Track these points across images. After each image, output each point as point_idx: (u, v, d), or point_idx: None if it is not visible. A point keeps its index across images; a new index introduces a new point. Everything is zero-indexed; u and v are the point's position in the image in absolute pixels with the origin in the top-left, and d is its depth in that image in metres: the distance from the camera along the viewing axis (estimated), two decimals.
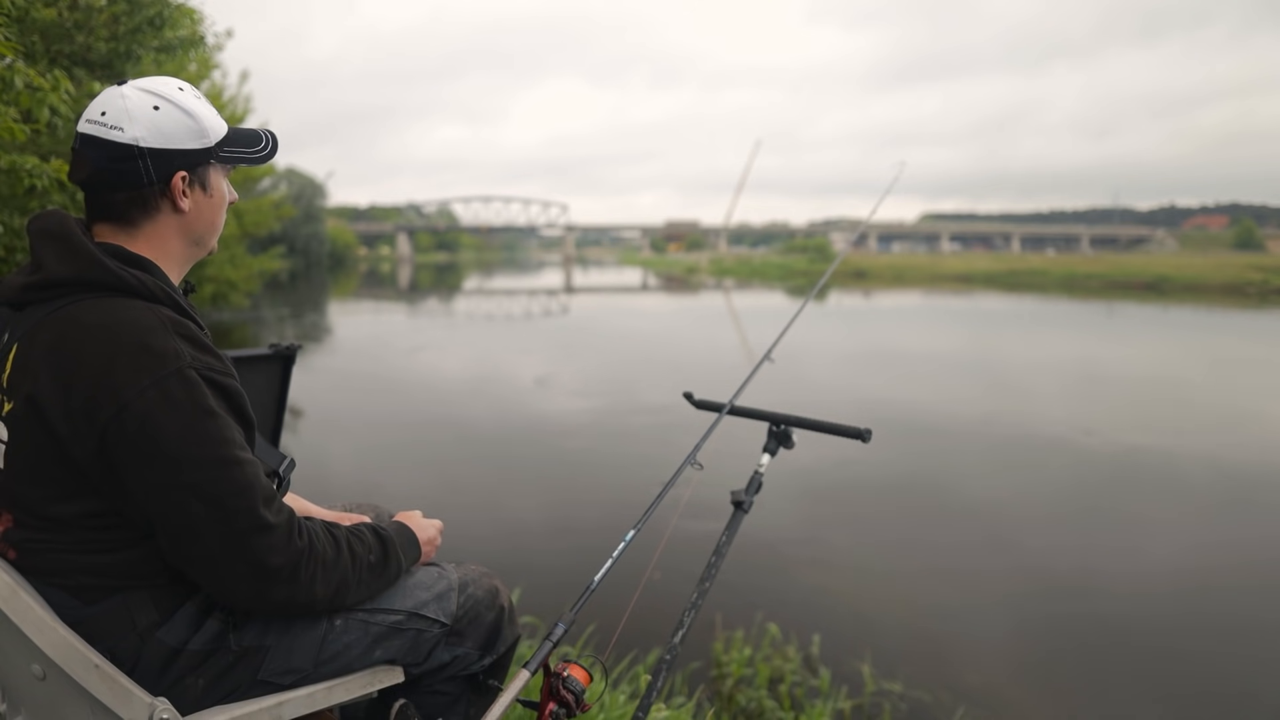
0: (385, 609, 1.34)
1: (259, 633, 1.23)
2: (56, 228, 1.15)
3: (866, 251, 77.73)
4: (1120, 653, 4.19)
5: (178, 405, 1.06)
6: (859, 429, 1.97)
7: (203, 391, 1.08)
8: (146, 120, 1.16)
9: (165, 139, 1.17)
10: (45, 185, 3.33)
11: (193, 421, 1.06)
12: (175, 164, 1.18)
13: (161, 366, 1.06)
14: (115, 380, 1.04)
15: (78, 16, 4.65)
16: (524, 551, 5.27)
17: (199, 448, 1.07)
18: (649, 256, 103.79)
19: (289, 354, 2.03)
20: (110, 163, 1.15)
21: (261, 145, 1.29)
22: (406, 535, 1.38)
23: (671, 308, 31.73)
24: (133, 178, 1.16)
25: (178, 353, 1.08)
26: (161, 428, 1.05)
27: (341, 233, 68.54)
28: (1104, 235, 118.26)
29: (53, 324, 1.10)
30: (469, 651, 1.44)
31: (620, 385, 12.05)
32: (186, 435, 1.06)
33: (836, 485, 6.91)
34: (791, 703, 3.62)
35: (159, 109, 1.17)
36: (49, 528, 1.12)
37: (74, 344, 1.08)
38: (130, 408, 1.04)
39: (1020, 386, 12.33)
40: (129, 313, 1.10)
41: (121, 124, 1.15)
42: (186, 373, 1.07)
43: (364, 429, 9.07)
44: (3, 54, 2.80)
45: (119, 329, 1.08)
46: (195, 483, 1.06)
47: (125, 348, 1.06)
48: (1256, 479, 7.31)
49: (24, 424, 1.09)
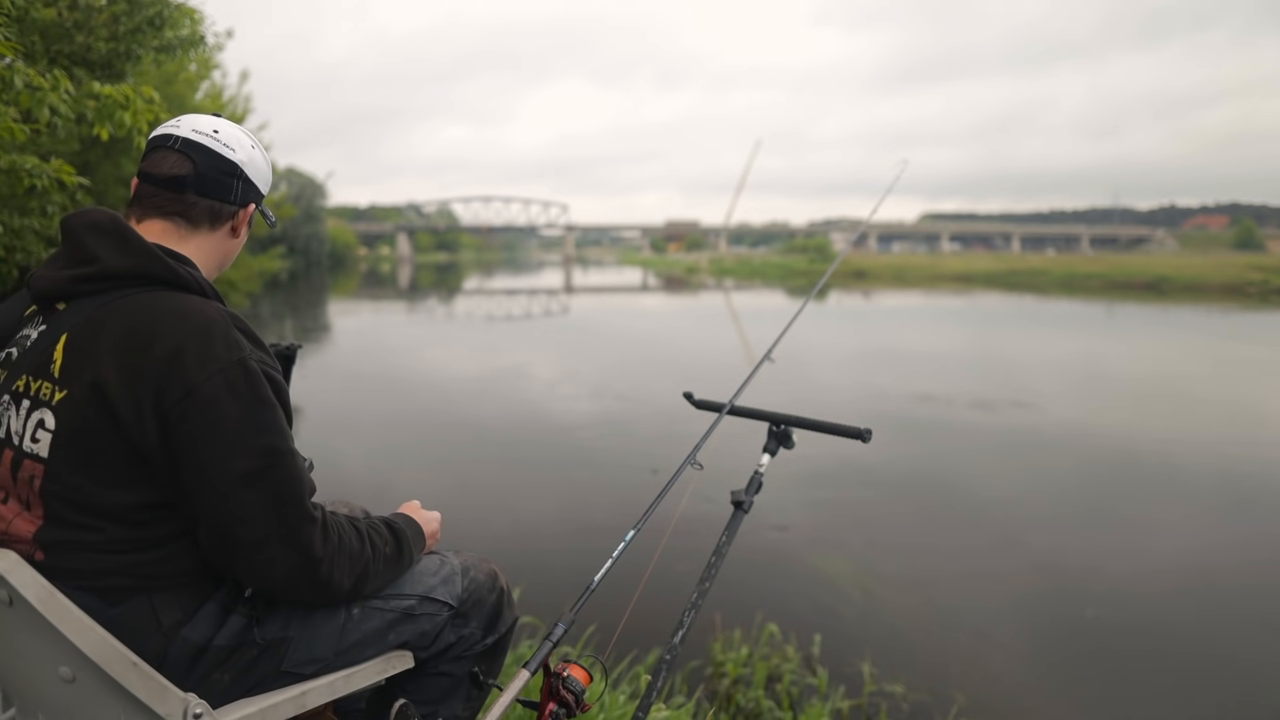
0: (398, 594, 1.41)
1: (281, 625, 1.27)
2: (109, 223, 1.20)
3: (866, 251, 77.74)
4: (1124, 653, 4.19)
5: (240, 394, 1.11)
6: (859, 429, 1.97)
7: (262, 382, 1.14)
8: (248, 153, 1.33)
9: (255, 173, 1.34)
10: (45, 185, 3.33)
11: (254, 410, 1.12)
12: (252, 196, 1.35)
13: (227, 356, 1.12)
14: (183, 366, 1.10)
15: (78, 16, 4.65)
16: (524, 551, 5.27)
17: (258, 435, 1.13)
18: (649, 256, 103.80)
19: (289, 354, 2.02)
20: (215, 171, 1.28)
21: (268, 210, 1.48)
22: (414, 528, 1.45)
23: (671, 308, 31.74)
24: (224, 191, 1.30)
25: (239, 344, 1.14)
26: (224, 414, 1.10)
27: (341, 233, 68.59)
28: (1104, 235, 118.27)
29: (118, 312, 1.15)
30: (474, 631, 1.50)
31: (620, 385, 12.05)
32: (247, 422, 1.12)
33: (838, 485, 6.91)
34: (790, 702, 3.62)
35: (254, 148, 1.35)
36: (86, 523, 1.13)
37: (139, 331, 1.12)
38: (196, 393, 1.09)
39: (1021, 386, 12.33)
40: (189, 304, 1.17)
41: (233, 146, 1.31)
42: (249, 363, 1.13)
43: (367, 428, 9.07)
44: (3, 54, 2.80)
45: (184, 318, 1.14)
46: (252, 470, 1.11)
47: (191, 336, 1.12)
48: (1260, 479, 7.31)
49: (82, 410, 1.11)
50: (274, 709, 1.25)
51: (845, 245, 26.60)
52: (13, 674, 1.23)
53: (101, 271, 1.16)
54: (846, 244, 27.60)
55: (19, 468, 1.15)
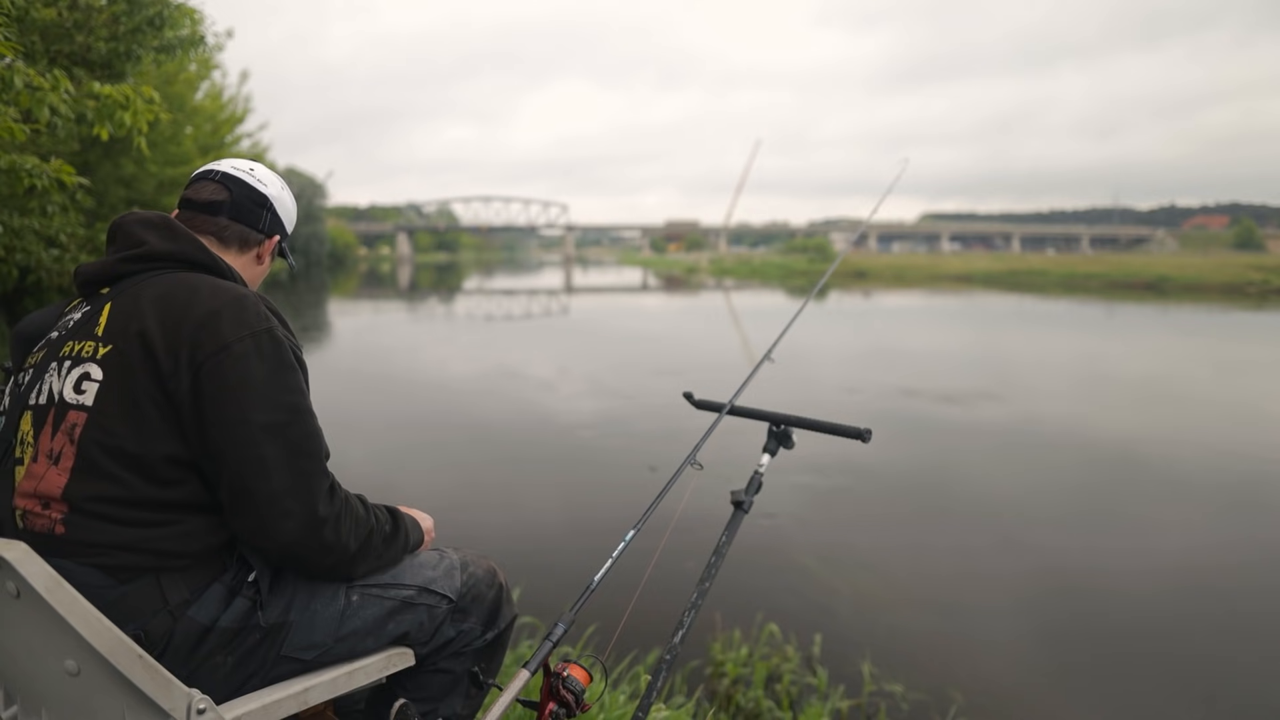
0: (398, 584, 1.44)
1: (283, 609, 1.31)
2: (158, 219, 1.37)
3: (866, 251, 77.76)
4: (1123, 653, 4.19)
5: (269, 356, 1.23)
6: (859, 429, 1.97)
7: (287, 350, 1.27)
8: (278, 191, 1.53)
9: (282, 210, 1.54)
10: (45, 185, 3.33)
11: (281, 370, 1.24)
12: (277, 229, 1.53)
13: (258, 324, 1.24)
14: (218, 327, 1.22)
15: (78, 16, 4.65)
16: (524, 551, 5.27)
17: (281, 393, 1.24)
18: (649, 256, 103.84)
19: None
20: (248, 202, 1.47)
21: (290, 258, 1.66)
22: (409, 518, 1.51)
23: (672, 308, 31.74)
24: (254, 220, 1.48)
25: (269, 317, 1.27)
26: (253, 369, 1.21)
27: (341, 233, 68.57)
28: (1104, 235, 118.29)
29: (160, 283, 1.29)
30: (473, 627, 1.52)
31: (620, 384, 12.05)
32: (272, 381, 1.23)
33: (839, 485, 6.91)
34: (790, 702, 3.62)
35: (284, 191, 1.55)
36: (115, 473, 1.19)
37: (181, 295, 1.26)
38: (230, 349, 1.20)
39: (1022, 386, 12.33)
40: (227, 284, 1.31)
41: (266, 182, 1.51)
42: (277, 333, 1.26)
43: (367, 428, 9.06)
44: (3, 54, 2.80)
45: (222, 290, 1.28)
46: (275, 423, 1.21)
47: (230, 304, 1.25)
48: (1260, 479, 7.31)
49: (126, 361, 1.22)
50: (276, 705, 1.26)
51: (845, 245, 26.60)
52: (16, 670, 1.24)
53: (148, 252, 1.32)
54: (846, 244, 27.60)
55: (62, 420, 1.22)
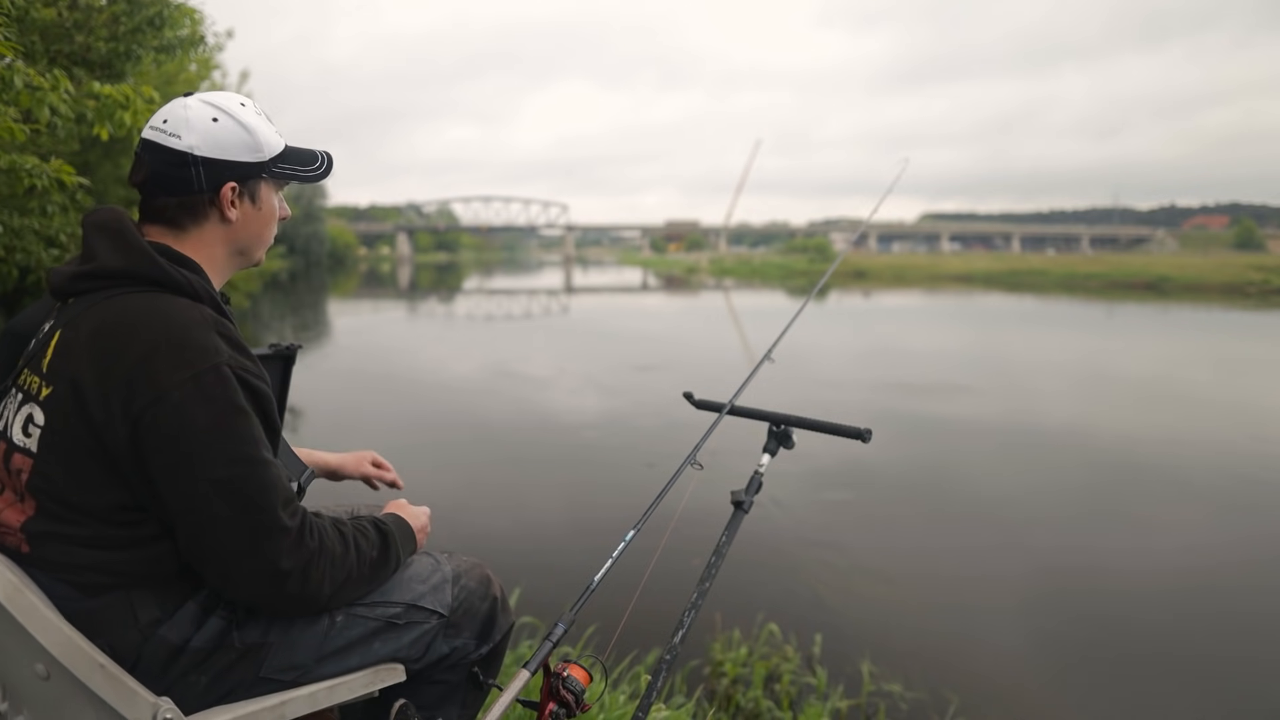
0: (384, 602, 1.36)
1: (262, 630, 1.25)
2: (112, 222, 1.19)
3: (866, 251, 77.74)
4: (1122, 653, 4.18)
5: (212, 400, 1.09)
6: (859, 429, 1.96)
7: (235, 389, 1.11)
8: (203, 130, 1.21)
9: (219, 150, 1.22)
10: (45, 185, 3.33)
11: (224, 417, 1.09)
12: (226, 175, 1.23)
13: (201, 361, 1.09)
14: (155, 369, 1.08)
15: (77, 16, 4.65)
16: (525, 550, 5.27)
17: (227, 444, 1.09)
18: (649, 256, 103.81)
19: (289, 354, 2.01)
20: (165, 167, 1.21)
21: (317, 164, 1.35)
22: (405, 529, 1.41)
23: (672, 308, 31.73)
24: (184, 184, 1.22)
25: (217, 349, 1.12)
26: (194, 420, 1.07)
27: (341, 233, 68.61)
28: (1104, 235, 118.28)
29: (98, 311, 1.14)
30: (466, 642, 1.47)
31: (620, 384, 12.05)
32: (216, 430, 1.09)
33: (839, 485, 6.91)
34: (790, 702, 3.62)
35: (217, 120, 1.22)
36: (70, 518, 1.13)
37: (118, 331, 1.11)
38: (166, 398, 1.07)
39: (1023, 385, 12.33)
40: (174, 306, 1.14)
41: (180, 132, 1.21)
42: (223, 369, 1.10)
43: (367, 427, 9.06)
44: (3, 54, 2.80)
45: (163, 320, 1.12)
46: (220, 479, 1.09)
47: (167, 339, 1.10)
48: (1261, 479, 7.30)
49: (63, 408, 1.11)
50: (250, 717, 1.21)
51: (845, 245, 26.63)
52: (4, 669, 1.24)
53: (98, 269, 1.17)
54: (846, 244, 27.61)
55: (10, 459, 1.16)
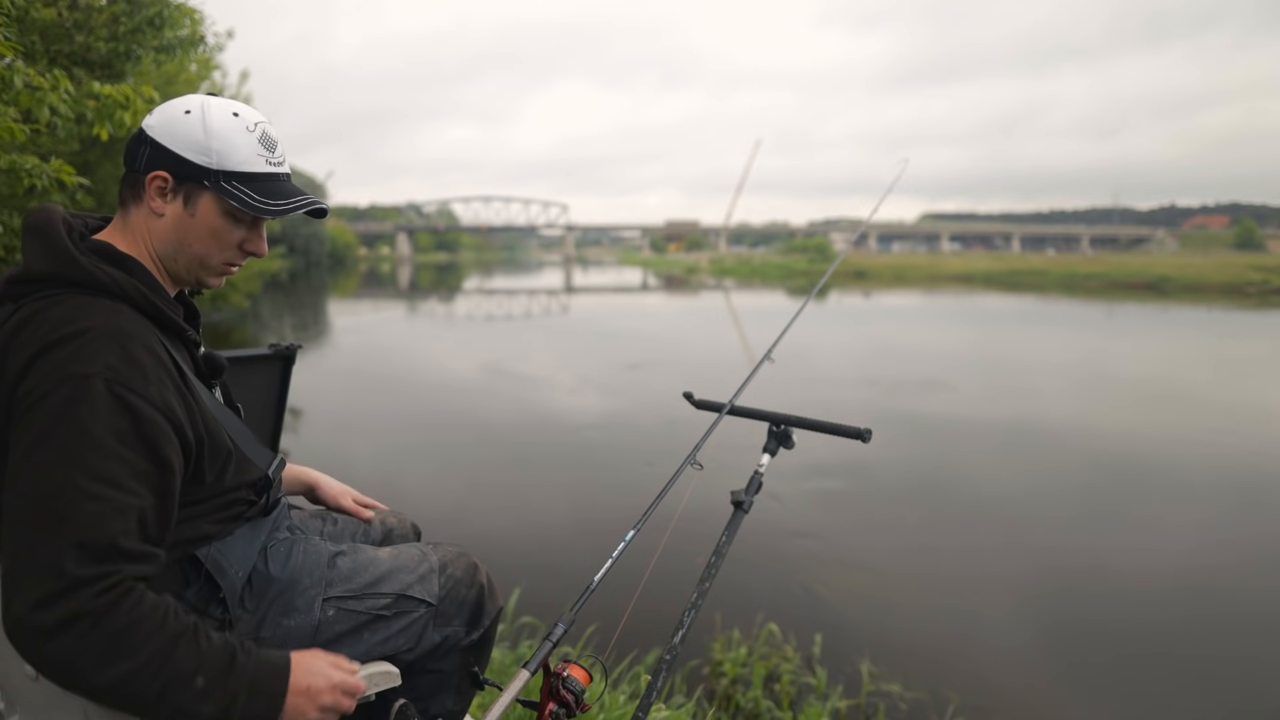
0: (375, 593, 1.40)
1: (254, 626, 1.28)
2: (42, 223, 1.16)
3: (866, 251, 77.76)
4: (1123, 653, 4.19)
5: (68, 412, 1.02)
6: (859, 429, 1.96)
7: (100, 409, 1.03)
8: (169, 117, 1.21)
9: (170, 138, 1.19)
10: (45, 185, 3.32)
11: (73, 433, 1.01)
12: (160, 163, 1.19)
13: (79, 369, 1.03)
14: (38, 368, 1.04)
15: (78, 16, 4.64)
16: (525, 550, 5.27)
17: (58, 460, 1.00)
18: (649, 256, 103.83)
19: (289, 354, 2.02)
20: (131, 141, 1.23)
21: (284, 202, 1.24)
22: (271, 684, 1.09)
23: (672, 308, 31.73)
24: (132, 159, 1.21)
25: (93, 358, 1.05)
26: (34, 426, 1.02)
27: (341, 233, 68.52)
28: (1104, 235, 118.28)
29: (16, 316, 1.11)
30: (456, 630, 1.49)
31: (621, 384, 12.05)
32: (54, 442, 1.01)
33: (839, 484, 6.91)
34: (790, 702, 3.62)
35: (189, 114, 1.20)
36: None
37: (19, 334, 1.08)
38: (31, 394, 1.03)
39: (1023, 385, 12.33)
40: (85, 311, 1.10)
41: (155, 112, 1.23)
42: (96, 384, 1.03)
43: (368, 427, 9.06)
44: (3, 54, 2.80)
45: (64, 325, 1.07)
46: (26, 491, 1.01)
47: (54, 345, 1.05)
48: (1265, 478, 7.30)
49: None
50: None
51: (845, 245, 26.61)
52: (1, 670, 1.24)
53: (25, 274, 1.14)
54: (846, 244, 27.61)
55: None
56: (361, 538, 1.65)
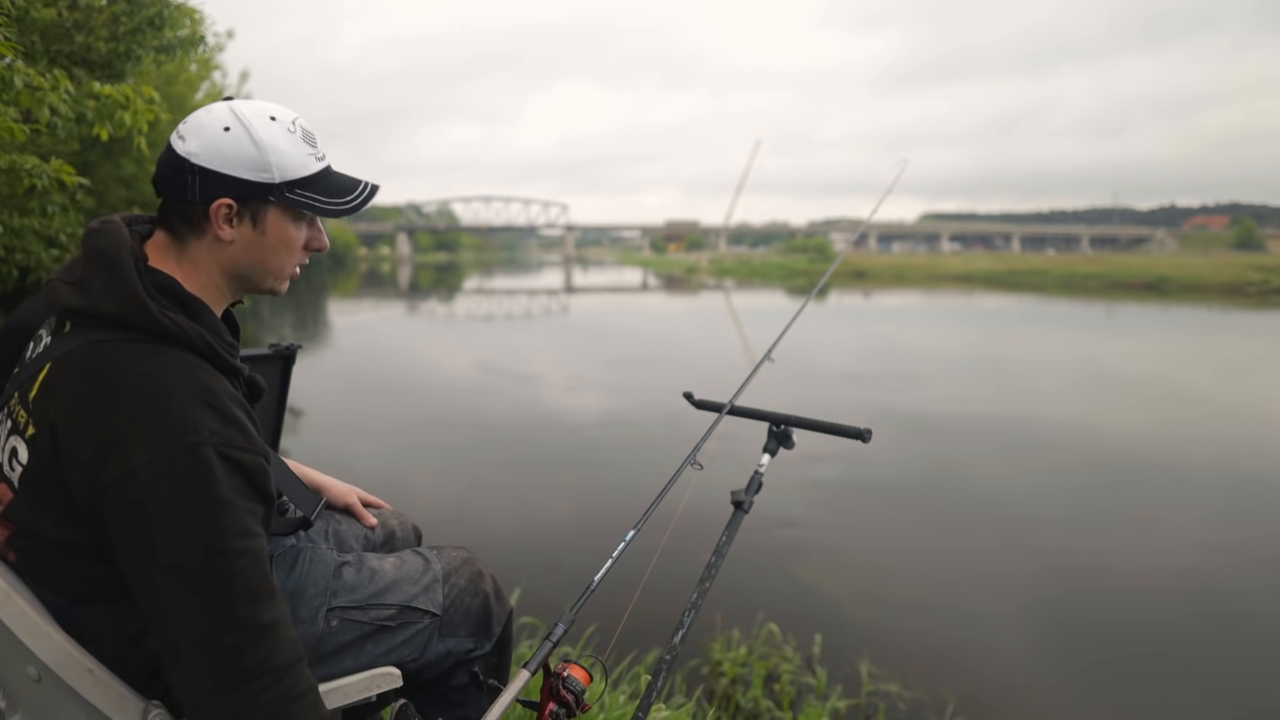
0: (378, 604, 1.38)
1: None
2: (111, 253, 1.10)
3: (866, 251, 77.78)
4: (1123, 653, 4.19)
5: (185, 485, 1.00)
6: (859, 429, 1.96)
7: (213, 473, 1.02)
8: (210, 138, 1.12)
9: (220, 162, 1.12)
10: (45, 185, 3.33)
11: (193, 504, 1.00)
12: (222, 190, 1.12)
13: (179, 440, 1.01)
14: (129, 443, 1.00)
15: (78, 16, 4.65)
16: (526, 550, 5.27)
17: (196, 531, 1.00)
18: (649, 256, 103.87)
19: (289, 354, 2.02)
20: (166, 169, 1.14)
21: (351, 197, 1.21)
22: None
23: (672, 308, 31.73)
24: (180, 190, 1.13)
25: (197, 426, 1.02)
26: (158, 502, 1.00)
27: (341, 233, 68.46)
28: (1104, 235, 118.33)
29: (86, 358, 1.07)
30: (463, 641, 1.47)
31: (621, 384, 12.05)
32: (184, 516, 1.00)
33: (839, 484, 6.90)
34: (789, 702, 3.63)
35: (229, 130, 1.12)
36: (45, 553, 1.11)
37: (99, 391, 1.04)
38: (136, 476, 0.99)
39: (1023, 385, 12.33)
40: (161, 369, 1.06)
41: (188, 135, 1.13)
42: (202, 452, 1.01)
43: (368, 427, 9.07)
44: (3, 54, 2.80)
45: (145, 387, 1.04)
46: (179, 564, 1.00)
47: (147, 411, 1.02)
48: (1266, 478, 7.30)
49: (42, 455, 1.07)
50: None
51: (845, 245, 26.61)
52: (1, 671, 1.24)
53: (91, 309, 1.09)
54: (846, 244, 27.60)
55: None
56: (363, 541, 1.64)
